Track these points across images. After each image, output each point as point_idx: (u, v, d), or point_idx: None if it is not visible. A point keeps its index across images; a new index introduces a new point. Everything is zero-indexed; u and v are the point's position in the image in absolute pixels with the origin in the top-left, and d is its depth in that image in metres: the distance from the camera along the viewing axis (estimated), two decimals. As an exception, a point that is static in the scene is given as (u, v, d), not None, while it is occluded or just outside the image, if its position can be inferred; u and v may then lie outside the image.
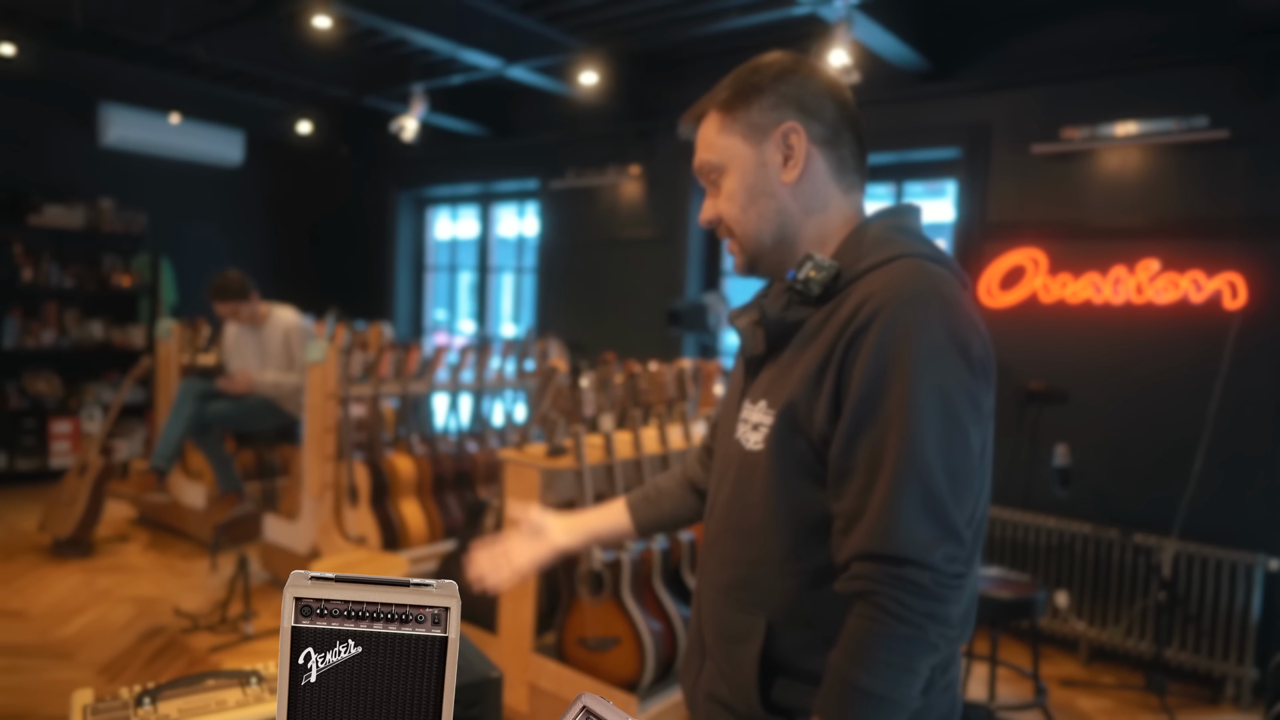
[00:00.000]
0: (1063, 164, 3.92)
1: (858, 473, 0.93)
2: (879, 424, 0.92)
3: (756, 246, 1.10)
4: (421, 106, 5.00)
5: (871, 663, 0.89)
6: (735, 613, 1.07)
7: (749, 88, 1.07)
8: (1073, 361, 3.90)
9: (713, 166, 1.10)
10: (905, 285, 0.95)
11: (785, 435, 1.01)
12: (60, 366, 6.14)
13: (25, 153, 5.95)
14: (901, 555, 0.89)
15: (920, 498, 0.90)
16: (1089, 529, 3.77)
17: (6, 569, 4.20)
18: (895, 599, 0.89)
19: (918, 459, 0.90)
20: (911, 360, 0.91)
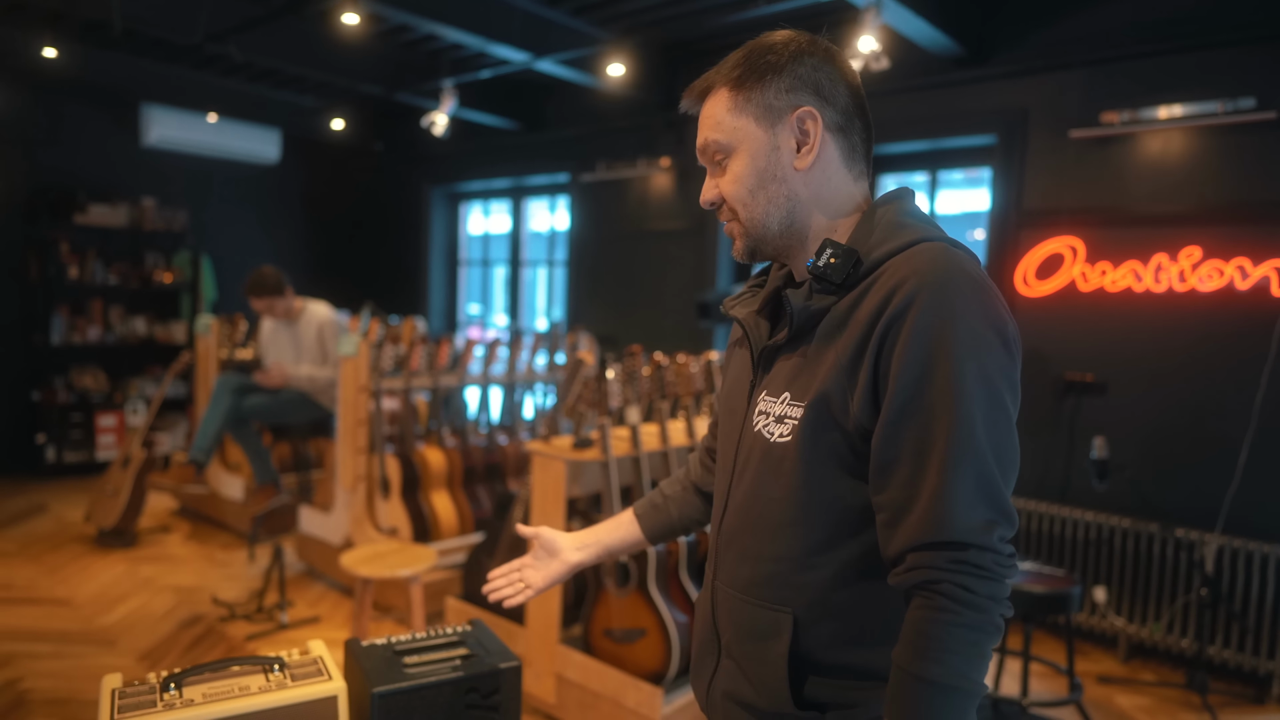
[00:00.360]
0: (1102, 149, 3.82)
1: (903, 462, 0.91)
2: (924, 411, 0.90)
3: (761, 232, 1.07)
4: (451, 102, 5.03)
5: (942, 653, 0.86)
6: (759, 609, 1.04)
7: (765, 66, 1.03)
8: (1112, 352, 3.81)
9: (720, 146, 1.06)
10: (936, 270, 0.93)
11: (817, 427, 0.98)
12: (105, 362, 6.31)
13: (71, 154, 6.11)
14: (963, 540, 0.87)
15: (975, 481, 0.88)
16: (1128, 523, 3.68)
17: (54, 558, 4.33)
18: (962, 585, 0.86)
19: (970, 443, 0.88)
20: (953, 345, 0.89)
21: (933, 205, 4.68)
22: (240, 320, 5.19)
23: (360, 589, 2.77)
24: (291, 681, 1.40)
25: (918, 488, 0.89)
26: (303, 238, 7.48)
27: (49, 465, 5.93)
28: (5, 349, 5.92)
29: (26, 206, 5.91)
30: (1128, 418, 3.77)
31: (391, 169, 7.63)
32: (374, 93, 5.73)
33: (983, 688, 0.89)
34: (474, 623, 1.62)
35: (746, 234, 1.08)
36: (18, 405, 5.97)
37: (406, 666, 1.46)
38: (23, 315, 5.97)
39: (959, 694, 0.86)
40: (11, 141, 5.83)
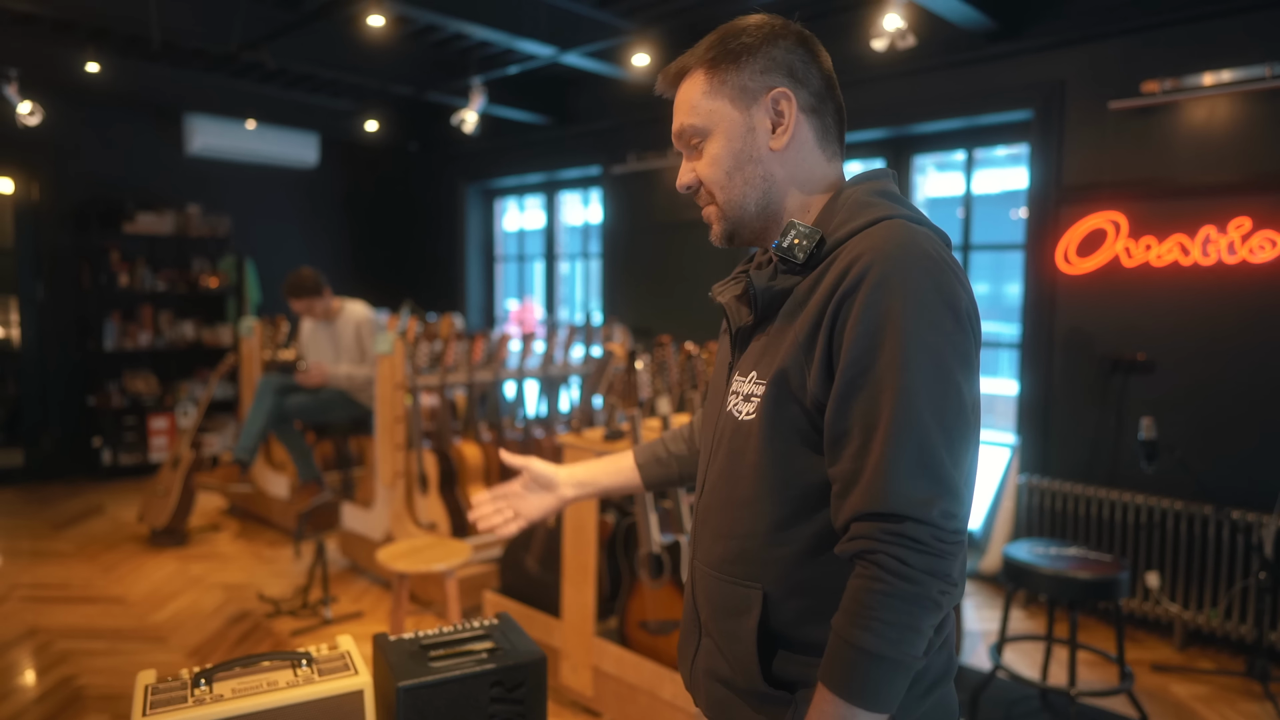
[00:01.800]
0: (1143, 119, 3.69)
1: (853, 435, 0.92)
2: (872, 385, 0.91)
3: (739, 214, 1.08)
4: (480, 99, 5.06)
5: (874, 622, 0.88)
6: (730, 586, 1.06)
7: (739, 49, 1.04)
8: (1160, 329, 3.68)
9: (696, 130, 1.08)
10: (891, 245, 0.94)
11: (778, 403, 1.00)
12: (156, 366, 6.49)
13: (119, 165, 6.29)
14: (900, 512, 0.88)
15: (916, 455, 0.88)
16: (1180, 505, 3.56)
17: (109, 557, 4.47)
18: (896, 556, 0.87)
19: (912, 417, 0.89)
20: (901, 319, 0.90)
21: (969, 184, 4.57)
22: (282, 322, 5.29)
23: (396, 584, 2.80)
24: (319, 676, 1.42)
25: (863, 460, 0.90)
26: (342, 238, 7.60)
27: (105, 468, 6.13)
28: (62, 356, 6.12)
29: (78, 217, 6.10)
30: (1178, 396, 3.64)
31: (427, 168, 7.70)
32: (405, 93, 5.78)
33: (919, 660, 0.90)
34: (501, 616, 1.63)
35: (724, 216, 1.09)
36: (75, 410, 6.18)
37: (432, 660, 1.47)
38: (77, 323, 6.16)
39: (888, 663, 0.87)
40: (62, 155, 6.02)
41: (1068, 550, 2.90)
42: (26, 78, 5.14)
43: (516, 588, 3.32)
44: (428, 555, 2.81)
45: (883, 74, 4.46)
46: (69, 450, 6.16)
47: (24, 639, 3.47)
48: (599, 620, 2.98)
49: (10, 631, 3.53)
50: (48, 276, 6.04)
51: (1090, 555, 2.85)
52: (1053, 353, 4.04)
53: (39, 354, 6.06)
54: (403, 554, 2.82)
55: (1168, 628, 3.69)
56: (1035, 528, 4.00)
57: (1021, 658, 3.47)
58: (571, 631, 2.96)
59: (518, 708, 1.48)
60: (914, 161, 4.77)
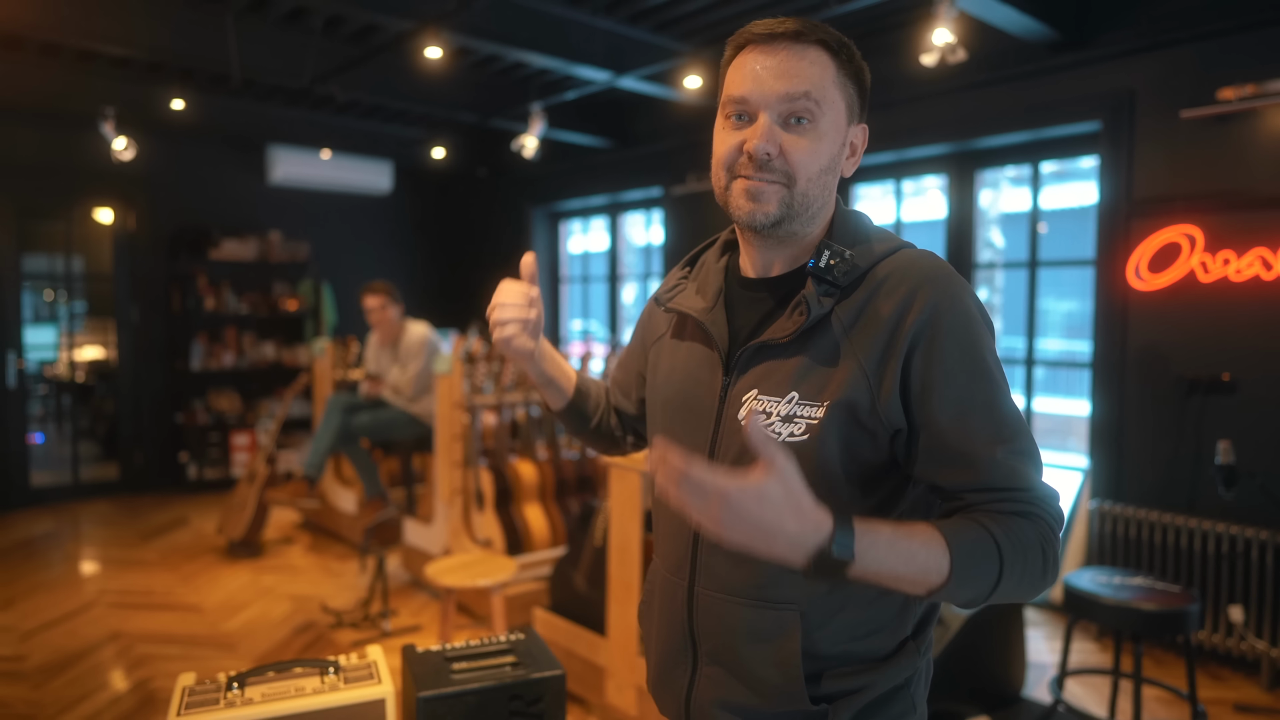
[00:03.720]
0: (1219, 128, 3.52)
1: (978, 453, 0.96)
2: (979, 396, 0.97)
3: (801, 211, 1.03)
4: (540, 124, 5.17)
5: (1021, 550, 0.92)
6: (760, 610, 1.02)
7: (856, 64, 1.06)
8: (1240, 347, 3.49)
9: (809, 109, 1.01)
10: (944, 277, 1.00)
11: (843, 426, 0.98)
12: (239, 385, 6.81)
13: (205, 195, 6.66)
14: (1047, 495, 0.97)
15: (1036, 454, 0.98)
16: (1265, 535, 3.35)
17: (189, 567, 4.70)
18: (1051, 527, 0.95)
19: (1020, 424, 0.98)
20: (979, 342, 0.99)
21: (1036, 200, 4.43)
22: (353, 342, 5.49)
23: (444, 598, 2.87)
24: (344, 684, 1.47)
25: (1001, 467, 0.95)
26: (414, 261, 7.85)
27: (191, 482, 6.46)
28: (153, 376, 6.49)
29: (169, 245, 6.48)
30: (1261, 419, 3.44)
31: (494, 192, 7.90)
32: (471, 121, 5.97)
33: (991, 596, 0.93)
34: (527, 630, 1.66)
35: (788, 204, 1.02)
36: (164, 427, 6.53)
37: (454, 673, 1.50)
38: (167, 344, 6.53)
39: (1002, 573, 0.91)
40: (155, 187, 6.41)
41: (1133, 580, 2.76)
42: (121, 116, 5.51)
43: (565, 605, 3.35)
44: (475, 570, 2.86)
45: (944, 89, 4.38)
46: (158, 464, 6.51)
47: (108, 642, 3.67)
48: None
49: (96, 634, 3.75)
50: (141, 300, 6.42)
51: (1158, 585, 2.71)
52: (1125, 372, 3.87)
53: (133, 374, 6.44)
54: (451, 569, 2.89)
55: (1254, 665, 3.46)
56: (1108, 556, 3.82)
57: (1090, 692, 3.31)
58: (616, 650, 2.96)
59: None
60: (978, 176, 4.66)
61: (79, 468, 6.34)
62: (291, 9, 4.55)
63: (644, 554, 2.95)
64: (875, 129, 3.86)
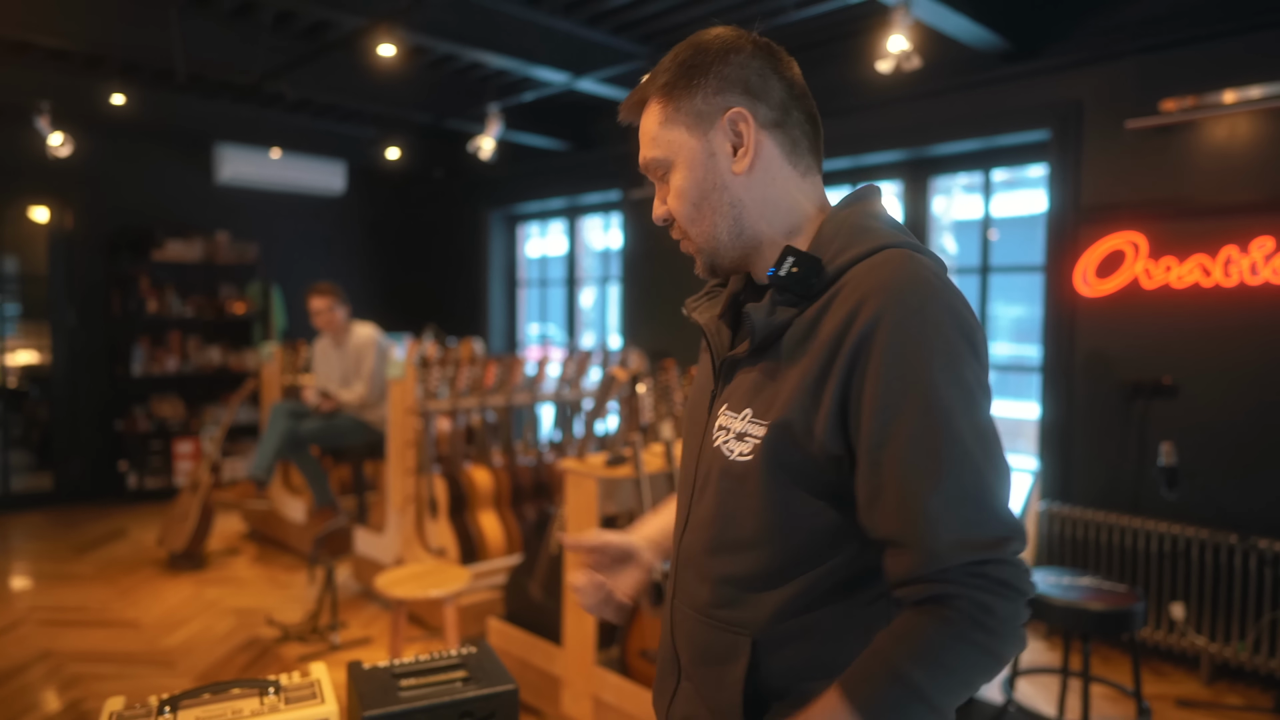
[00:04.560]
0: (1162, 138, 3.61)
1: (890, 489, 0.85)
2: (908, 435, 0.84)
3: (714, 245, 1.02)
4: (497, 125, 5.11)
5: (933, 664, 0.82)
6: (716, 632, 1.00)
7: (691, 71, 0.99)
8: (1182, 351, 3.58)
9: (659, 162, 1.03)
10: (899, 282, 0.88)
11: (780, 449, 0.93)
12: (183, 391, 6.61)
13: (149, 193, 6.46)
14: (980, 556, 0.82)
15: (980, 497, 0.84)
16: (1205, 534, 3.44)
17: (127, 581, 4.53)
18: (979, 603, 0.82)
19: (966, 460, 0.84)
20: (929, 360, 0.85)
21: (988, 207, 4.51)
22: (302, 346, 5.36)
23: (395, 610, 2.79)
24: (285, 705, 1.41)
25: (915, 509, 0.83)
26: (367, 264, 7.71)
27: (131, 491, 6.24)
28: (90, 381, 6.26)
29: (109, 245, 6.27)
30: (1201, 421, 3.53)
31: (450, 194, 7.80)
32: (426, 121, 5.88)
33: (947, 715, 0.85)
34: (479, 644, 1.61)
35: (700, 249, 1.04)
36: (102, 434, 6.30)
37: (401, 690, 1.44)
38: (106, 348, 6.31)
39: (925, 708, 0.82)
40: (95, 185, 6.19)
41: (1081, 580, 2.80)
42: (58, 110, 5.31)
43: (521, 614, 3.29)
44: (427, 581, 2.79)
45: (898, 96, 4.43)
46: (96, 474, 6.28)
47: (37, 661, 3.51)
48: (601, 649, 2.94)
49: (25, 654, 3.58)
50: (79, 303, 6.19)
51: (1104, 585, 2.75)
52: (1073, 376, 3.94)
53: (69, 379, 6.20)
54: (403, 579, 2.81)
55: (1194, 661, 3.55)
56: (1056, 556, 3.89)
57: (1039, 691, 3.36)
58: (572, 660, 2.92)
59: (488, 739, 1.46)
60: (932, 183, 4.72)
61: (9, 478, 6.09)
62: (240, 3, 4.43)
63: (600, 562, 2.91)
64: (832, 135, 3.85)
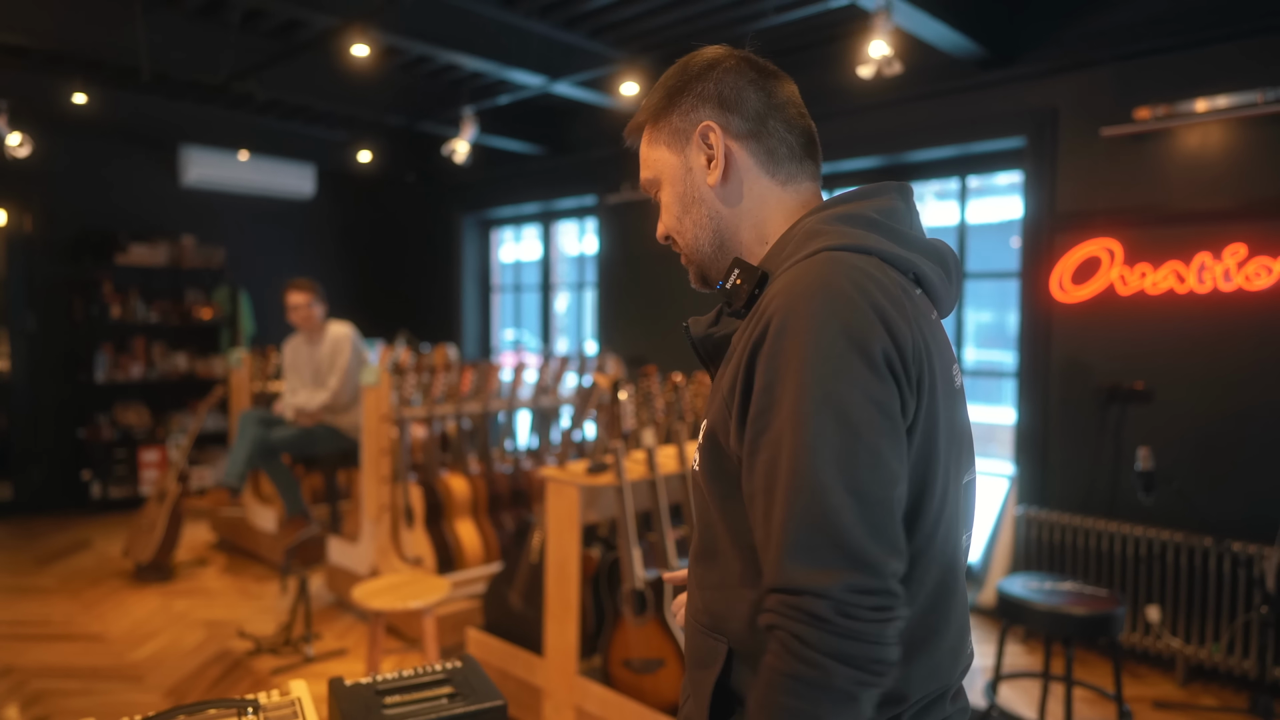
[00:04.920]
0: (1137, 146, 3.66)
1: (759, 498, 0.84)
2: (769, 445, 0.83)
3: (699, 257, 1.06)
4: (472, 129, 5.06)
5: (771, 706, 0.79)
6: (702, 637, 1.02)
7: (672, 92, 1.04)
8: (1156, 357, 3.63)
9: (650, 182, 1.09)
10: (801, 284, 0.85)
11: (713, 455, 0.96)
12: (148, 398, 6.45)
13: (113, 196, 6.30)
14: (795, 586, 0.78)
15: (812, 521, 0.78)
16: (1180, 537, 3.48)
17: (92, 594, 4.39)
18: (794, 634, 0.78)
19: (810, 479, 0.78)
20: (800, 368, 0.81)
21: (963, 213, 4.54)
22: (272, 353, 5.26)
23: (372, 622, 2.73)
24: (264, 727, 1.35)
25: (767, 527, 0.82)
26: (338, 269, 7.59)
27: (95, 501, 6.07)
28: (52, 388, 6.09)
29: (71, 248, 6.10)
30: (1176, 426, 3.57)
31: (423, 199, 7.72)
32: (399, 124, 5.80)
33: None
34: (465, 658, 1.56)
35: (689, 261, 1.09)
36: (64, 443, 6.13)
37: (386, 708, 1.39)
38: (68, 354, 6.14)
39: None
40: (55, 186, 6.03)
41: (1063, 585, 2.81)
42: (17, 109, 5.16)
43: (500, 624, 3.24)
44: (405, 592, 2.73)
45: (876, 102, 4.45)
46: (58, 483, 6.11)
47: (-2, 678, 3.39)
48: (583, 658, 2.89)
49: (-16, 670, 3.46)
50: (39, 308, 6.02)
51: (1086, 590, 2.77)
52: (1049, 382, 3.98)
53: (29, 386, 6.02)
54: (380, 591, 2.75)
55: (1169, 663, 3.59)
56: (1034, 560, 3.91)
57: (1020, 695, 3.37)
58: (554, 670, 2.87)
59: (477, 759, 1.41)
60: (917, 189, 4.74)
61: (-32, 487, 5.90)
62: (207, 0, 4.34)
63: (583, 570, 2.87)
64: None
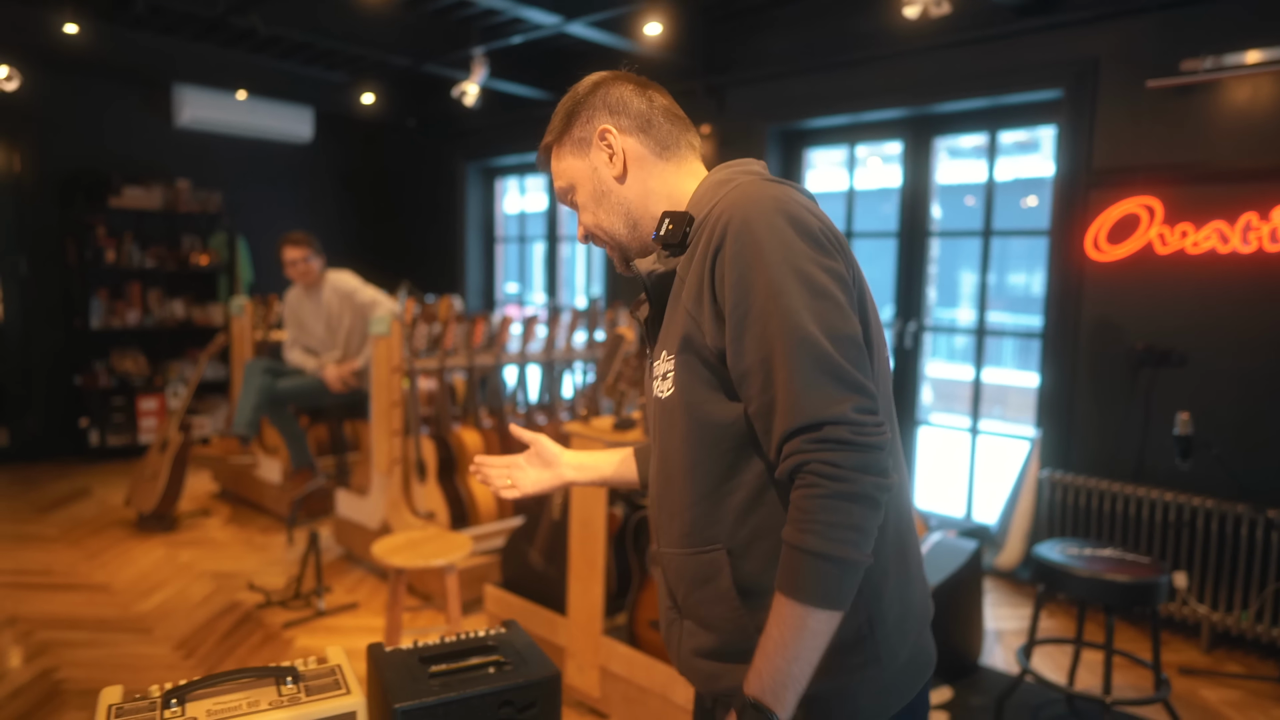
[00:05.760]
0: (1182, 99, 3.51)
1: (756, 372, 0.98)
2: (756, 319, 0.98)
3: (617, 240, 1.22)
4: (482, 71, 4.85)
5: (816, 525, 0.92)
6: (696, 558, 1.10)
7: (568, 114, 1.22)
8: (1194, 319, 3.52)
9: (565, 191, 1.25)
10: (742, 197, 1.04)
11: (688, 366, 1.07)
12: (145, 345, 6.30)
13: (105, 136, 6.07)
14: (817, 420, 0.93)
15: (813, 364, 0.94)
16: (1212, 504, 3.41)
17: (94, 543, 4.30)
18: (825, 461, 0.92)
19: (800, 334, 0.95)
20: (764, 253, 0.98)
21: (992, 169, 4.39)
22: (274, 301, 5.11)
23: (393, 579, 2.64)
24: (306, 696, 1.26)
25: (772, 388, 0.96)
26: (337, 217, 7.39)
27: (93, 449, 5.96)
28: (47, 334, 5.93)
29: (62, 190, 5.90)
30: (1211, 391, 3.49)
31: (425, 145, 7.49)
32: (403, 65, 5.57)
33: (863, 558, 0.93)
34: (509, 624, 1.47)
35: (610, 247, 1.24)
36: (60, 389, 5.99)
37: (432, 677, 1.30)
38: (62, 299, 5.97)
39: (834, 562, 0.91)
40: (45, 124, 5.80)
41: (1102, 551, 2.74)
42: (4, 40, 4.92)
43: (519, 582, 3.16)
44: (427, 549, 2.64)
45: (904, 49, 4.27)
46: (55, 431, 5.98)
47: (3, 627, 3.31)
48: (606, 617, 2.82)
49: (-13, 621, 3.37)
50: (31, 251, 5.83)
51: (1127, 557, 2.70)
52: (1078, 343, 3.87)
53: (23, 331, 5.86)
54: (400, 547, 2.66)
55: (1194, 629, 3.55)
56: (1057, 524, 3.85)
57: (1044, 660, 3.33)
58: (578, 630, 2.80)
59: (529, 730, 1.33)
60: (934, 144, 4.58)
61: (-38, 433, 5.77)
62: (206, -72, 4.10)
63: (608, 528, 2.79)
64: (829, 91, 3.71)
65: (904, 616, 1.09)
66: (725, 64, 5.10)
